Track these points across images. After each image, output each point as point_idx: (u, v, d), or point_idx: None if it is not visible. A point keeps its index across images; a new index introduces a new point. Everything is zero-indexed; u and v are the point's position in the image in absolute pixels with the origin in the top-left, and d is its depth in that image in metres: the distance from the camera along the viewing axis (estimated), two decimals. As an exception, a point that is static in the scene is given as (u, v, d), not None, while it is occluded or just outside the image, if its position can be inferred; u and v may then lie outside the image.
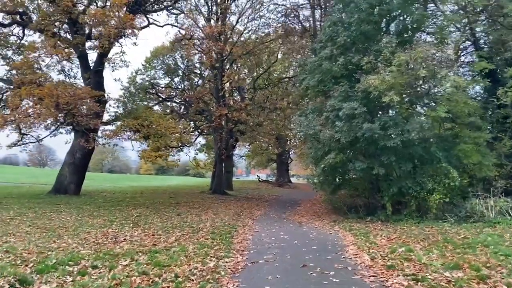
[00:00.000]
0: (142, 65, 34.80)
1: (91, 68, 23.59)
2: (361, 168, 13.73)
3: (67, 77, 26.38)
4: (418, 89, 13.73)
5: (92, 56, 24.44)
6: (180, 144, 18.60)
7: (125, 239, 10.14)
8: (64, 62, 26.59)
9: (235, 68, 30.71)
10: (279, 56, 30.51)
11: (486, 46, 15.62)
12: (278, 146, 42.47)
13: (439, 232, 10.57)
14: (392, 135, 13.24)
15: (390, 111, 14.55)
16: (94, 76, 23.24)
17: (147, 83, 31.44)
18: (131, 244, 9.46)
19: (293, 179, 58.20)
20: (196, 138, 35.21)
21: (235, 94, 29.08)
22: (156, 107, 30.92)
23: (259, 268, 7.42)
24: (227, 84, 27.29)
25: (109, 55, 23.52)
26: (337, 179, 15.64)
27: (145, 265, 7.25)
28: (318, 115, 15.35)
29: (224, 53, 25.78)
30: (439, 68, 12.34)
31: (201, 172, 70.05)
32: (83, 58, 23.93)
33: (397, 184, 13.78)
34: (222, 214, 17.18)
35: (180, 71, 33.02)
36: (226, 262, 7.88)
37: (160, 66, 33.64)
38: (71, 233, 10.81)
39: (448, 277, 5.93)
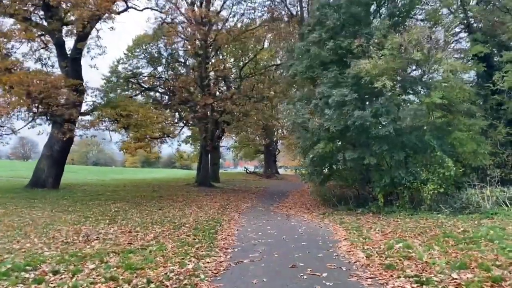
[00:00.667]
0: (124, 54, 33.70)
1: (68, 56, 22.50)
2: (352, 158, 13.05)
3: (44, 66, 25.41)
4: (411, 74, 13.04)
5: (70, 44, 23.40)
6: (162, 135, 17.68)
7: (98, 237, 9.29)
8: (42, 51, 25.74)
9: (221, 57, 29.78)
10: (266, 44, 29.67)
11: (479, 30, 14.99)
12: (266, 137, 41.76)
13: (436, 225, 9.94)
14: (384, 123, 12.56)
15: (381, 98, 13.81)
16: (72, 64, 22.14)
17: (130, 72, 30.41)
18: (104, 243, 8.63)
19: (280, 171, 57.64)
20: (181, 129, 34.27)
21: (221, 84, 28.11)
22: (139, 98, 29.92)
23: (244, 269, 6.67)
24: (212, 73, 26.30)
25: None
26: (326, 170, 14.96)
27: (115, 269, 6.44)
28: (307, 103, 14.61)
29: (209, 39, 24.81)
30: (434, 51, 11.64)
31: (188, 165, 69.11)
32: (59, 45, 22.78)
33: (389, 175, 13.13)
34: (207, 207, 16.41)
35: (163, 60, 32.00)
36: (207, 262, 7.11)
37: (143, 55, 32.61)
38: (40, 231, 9.92)
39: (456, 279, 5.25)
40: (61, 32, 22.22)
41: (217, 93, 24.91)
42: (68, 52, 22.65)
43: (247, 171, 49.39)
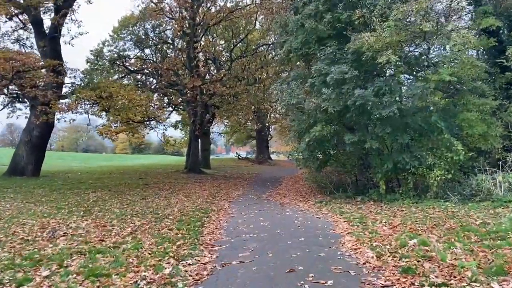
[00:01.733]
0: (110, 35, 32.21)
1: (46, 35, 20.99)
2: (352, 142, 11.91)
3: (22, 47, 23.89)
4: (416, 49, 11.88)
5: (49, 23, 21.87)
6: (146, 119, 16.43)
7: (65, 233, 8.10)
8: (21, 32, 24.19)
9: (210, 38, 28.32)
10: (257, 26, 28.20)
11: (489, 2, 13.81)
12: (257, 121, 40.57)
13: (447, 215, 8.88)
14: (387, 103, 11.41)
15: (384, 76, 12.64)
16: (50, 44, 20.66)
17: (115, 55, 28.95)
18: (71, 241, 7.45)
19: (273, 156, 56.75)
20: (169, 114, 32.95)
21: (211, 66, 26.71)
22: (125, 81, 28.48)
23: (231, 274, 5.54)
24: (201, 54, 24.91)
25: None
26: (323, 155, 13.83)
27: (74, 276, 5.29)
28: (302, 82, 13.40)
29: (197, 19, 23.39)
30: (443, 22, 10.47)
31: (179, 151, 67.85)
32: (36, 24, 21.28)
33: (392, 159, 12.06)
34: (195, 196, 15.28)
35: (150, 42, 30.55)
36: (189, 265, 5.98)
37: (129, 37, 31.11)
38: (0, 226, 8.71)
39: (499, 290, 4.17)
40: (37, 10, 20.72)
41: (207, 75, 23.48)
42: (47, 31, 21.20)
43: (239, 157, 48.35)
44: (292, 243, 7.29)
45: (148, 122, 17.14)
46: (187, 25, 23.47)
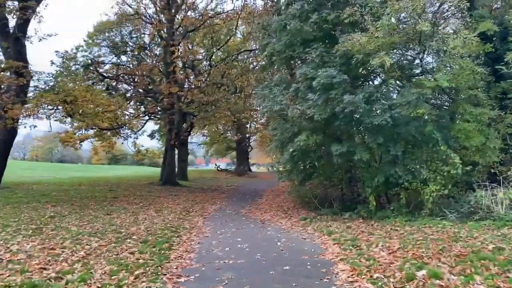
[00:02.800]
0: (84, 40, 30.72)
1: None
2: (340, 153, 10.80)
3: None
4: (410, 53, 10.95)
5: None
6: (115, 126, 14.99)
7: (1, 258, 6.68)
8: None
9: (190, 46, 27.10)
10: (238, 32, 27.14)
11: (484, 5, 13.07)
12: (237, 132, 39.40)
13: (449, 237, 7.82)
14: (379, 111, 10.40)
15: (376, 81, 11.65)
16: (14, 45, 19.09)
17: (89, 60, 27.44)
18: (3, 269, 6.05)
19: (253, 168, 55.62)
20: (145, 123, 31.45)
21: (189, 73, 25.40)
22: (98, 87, 26.97)
23: (198, 319, 4.28)
24: (178, 60, 23.65)
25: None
26: (308, 167, 12.67)
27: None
28: (286, 88, 12.29)
29: (174, 22, 22.20)
30: (442, 21, 9.56)
31: (158, 162, 65.90)
32: (1, 23, 19.71)
33: (384, 173, 11.01)
34: (166, 211, 13.91)
35: (127, 48, 29.19)
36: (144, 306, 4.69)
37: (105, 43, 29.70)
38: None
39: None
40: (1, 7, 19.19)
41: (185, 82, 22.21)
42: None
43: (218, 168, 46.95)
44: (275, 273, 6.05)
45: (117, 130, 15.72)
46: (164, 30, 22.29)
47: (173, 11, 22.14)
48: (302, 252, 7.54)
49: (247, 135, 46.52)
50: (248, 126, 42.22)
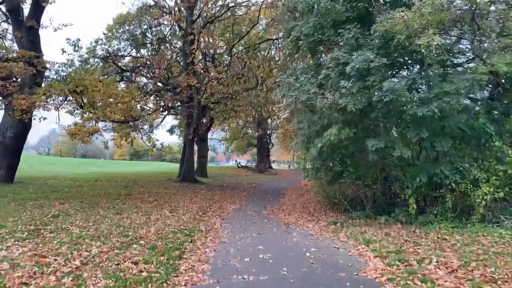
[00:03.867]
0: (104, 34, 30.02)
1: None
2: (377, 149, 9.42)
3: (2, 39, 21.71)
4: (456, 33, 9.45)
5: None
6: (128, 118, 13.95)
7: (-23, 269, 5.63)
8: (4, 24, 22.05)
9: (210, 40, 25.90)
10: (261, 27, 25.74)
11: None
12: (258, 127, 38.23)
13: (517, 250, 6.42)
14: (426, 100, 8.96)
15: (422, 65, 10.14)
16: (28, 34, 18.33)
17: (107, 53, 26.64)
18: (-25, 285, 4.99)
19: (274, 165, 54.39)
20: (164, 118, 30.57)
21: (209, 63, 24.24)
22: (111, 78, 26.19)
23: None
24: (198, 52, 22.52)
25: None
26: (338, 164, 11.30)
27: None
28: (314, 75, 10.94)
29: (195, 12, 21.09)
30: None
31: (179, 158, 65.42)
32: (14, 11, 18.98)
33: (427, 172, 9.59)
34: (182, 210, 12.80)
35: (147, 41, 28.29)
36: None
37: (125, 36, 28.89)
38: None
39: None
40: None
41: (204, 73, 21.04)
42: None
43: (239, 165, 45.86)
44: (307, 297, 4.80)
45: (132, 123, 14.69)
46: (184, 20, 21.22)
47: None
48: (337, 266, 6.24)
49: (268, 131, 45.31)
50: (269, 121, 40.98)
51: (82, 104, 12.98)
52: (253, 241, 8.59)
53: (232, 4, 22.54)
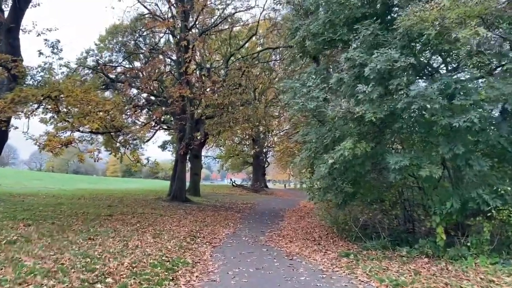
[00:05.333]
0: (95, 44, 28.70)
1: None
2: (400, 166, 7.81)
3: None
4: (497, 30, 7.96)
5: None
6: (110, 129, 12.25)
7: None
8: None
9: (207, 53, 24.44)
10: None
11: None
12: (254, 145, 36.69)
13: None
14: (462, 108, 7.42)
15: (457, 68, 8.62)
16: (6, 37, 16.81)
17: (97, 63, 25.16)
18: None
19: (269, 184, 52.71)
20: (155, 132, 28.91)
21: (204, 75, 22.74)
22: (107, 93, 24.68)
23: None
24: (192, 62, 21.01)
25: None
26: (351, 184, 9.63)
27: None
28: (324, 79, 9.40)
29: (190, 18, 19.68)
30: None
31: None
32: (-6, 13, 17.54)
33: (460, 195, 7.98)
34: (167, 235, 11.05)
35: (141, 54, 26.88)
36: None
37: (117, 47, 27.51)
38: None
39: None
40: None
41: (197, 84, 19.50)
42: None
43: (234, 183, 44.09)
44: None
45: (113, 134, 13.02)
46: (177, 26, 19.84)
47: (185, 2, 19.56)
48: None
49: (264, 149, 43.73)
50: (265, 139, 39.51)
51: (59, 110, 11.34)
52: (250, 279, 6.87)
53: (233, 11, 21.22)
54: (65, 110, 11.73)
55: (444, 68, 8.91)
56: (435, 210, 8.36)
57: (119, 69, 25.97)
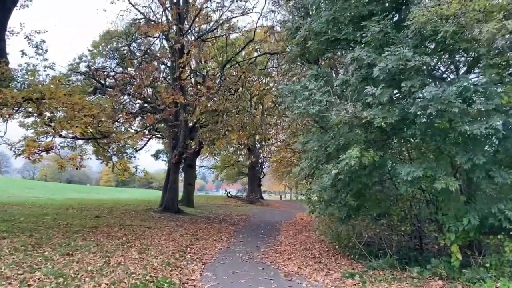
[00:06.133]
0: (89, 50, 28.05)
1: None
2: (412, 178, 7.00)
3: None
4: None
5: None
6: (94, 135, 11.36)
7: None
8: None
9: (202, 61, 23.68)
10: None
11: None
12: (250, 155, 35.90)
13: None
14: (484, 114, 6.65)
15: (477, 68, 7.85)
16: (-9, 39, 16.03)
17: (88, 68, 24.38)
18: None
19: (264, 195, 51.86)
20: (147, 141, 28.04)
21: (199, 80, 21.93)
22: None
23: None
24: (186, 67, 20.24)
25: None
26: (355, 197, 8.79)
27: None
28: (327, 82, 8.63)
29: (185, 22, 18.96)
30: None
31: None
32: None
33: (478, 211, 7.18)
34: (154, 250, 10.16)
35: (135, 60, 26.13)
36: None
37: (111, 53, 26.82)
38: None
39: None
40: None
41: (191, 89, 18.71)
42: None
43: (228, 194, 43.15)
44: None
45: (99, 140, 12.13)
46: (172, 30, 19.14)
47: (181, 4, 18.83)
48: None
49: (260, 160, 42.87)
50: (262, 149, 38.77)
51: (41, 113, 10.48)
52: (245, 305, 6.01)
53: (229, 14, 20.52)
54: (48, 114, 10.82)
55: (458, 70, 8.14)
56: (449, 226, 7.54)
57: (112, 75, 25.28)
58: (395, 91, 7.37)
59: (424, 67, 6.79)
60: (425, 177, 7.07)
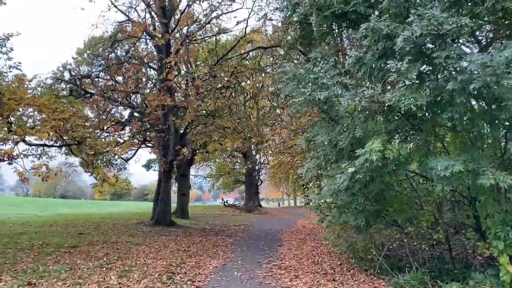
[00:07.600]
0: (73, 58, 26.56)
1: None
2: (451, 173, 5.53)
3: None
4: None
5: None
6: (66, 141, 9.92)
7: None
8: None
9: (191, 65, 22.26)
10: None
11: None
12: (245, 161, 34.45)
13: None
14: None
15: None
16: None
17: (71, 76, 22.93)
18: None
19: (262, 203, 50.40)
20: (136, 150, 26.55)
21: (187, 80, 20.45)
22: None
23: None
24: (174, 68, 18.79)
25: None
26: (375, 201, 7.31)
27: None
28: (335, 64, 7.18)
29: (171, 24, 17.58)
30: None
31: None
32: None
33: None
34: (138, 273, 8.61)
35: (123, 68, 24.71)
36: None
37: (97, 60, 25.34)
38: None
39: None
40: None
41: (179, 90, 17.26)
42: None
43: (226, 203, 41.55)
44: None
45: (73, 147, 10.66)
46: (155, 27, 17.80)
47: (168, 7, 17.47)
48: None
49: (257, 166, 41.38)
50: (259, 153, 37.38)
51: (2, 115, 8.99)
52: None
53: (219, 12, 19.16)
54: (12, 118, 9.32)
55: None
56: (496, 232, 6.07)
57: (96, 80, 23.88)
58: (423, 67, 5.92)
59: (464, 31, 5.34)
60: (467, 171, 5.61)
